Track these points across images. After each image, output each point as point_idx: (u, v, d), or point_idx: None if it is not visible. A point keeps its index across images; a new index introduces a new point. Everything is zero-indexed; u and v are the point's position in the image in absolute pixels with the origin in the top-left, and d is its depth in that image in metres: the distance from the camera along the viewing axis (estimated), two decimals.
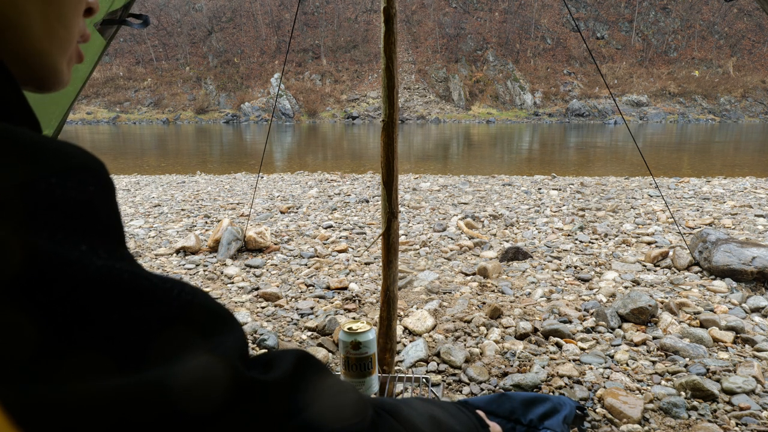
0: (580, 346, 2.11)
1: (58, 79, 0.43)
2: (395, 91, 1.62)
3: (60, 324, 0.25)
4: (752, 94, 51.45)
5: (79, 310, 0.26)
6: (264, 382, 0.33)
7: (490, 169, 10.47)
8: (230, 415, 0.30)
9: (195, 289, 0.32)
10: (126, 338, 0.27)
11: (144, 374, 0.27)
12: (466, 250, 3.62)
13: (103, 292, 0.27)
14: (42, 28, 0.38)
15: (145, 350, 0.27)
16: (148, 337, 0.28)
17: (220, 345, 0.31)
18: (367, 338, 1.18)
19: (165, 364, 0.28)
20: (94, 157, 0.32)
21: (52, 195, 0.27)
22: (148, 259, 3.50)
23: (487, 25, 62.88)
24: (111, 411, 0.25)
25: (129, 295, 0.28)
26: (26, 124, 0.36)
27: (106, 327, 0.26)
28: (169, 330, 0.29)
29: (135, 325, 0.28)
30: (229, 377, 0.30)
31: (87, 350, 0.26)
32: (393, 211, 1.67)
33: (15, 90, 0.36)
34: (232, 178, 8.14)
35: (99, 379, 0.25)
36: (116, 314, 0.27)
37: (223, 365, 0.31)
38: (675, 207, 4.96)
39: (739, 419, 1.59)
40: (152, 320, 0.28)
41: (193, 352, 0.29)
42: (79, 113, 52.83)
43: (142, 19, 1.73)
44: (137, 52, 63.30)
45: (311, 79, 59.97)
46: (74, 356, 0.25)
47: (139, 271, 0.29)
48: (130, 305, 0.28)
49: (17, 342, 0.24)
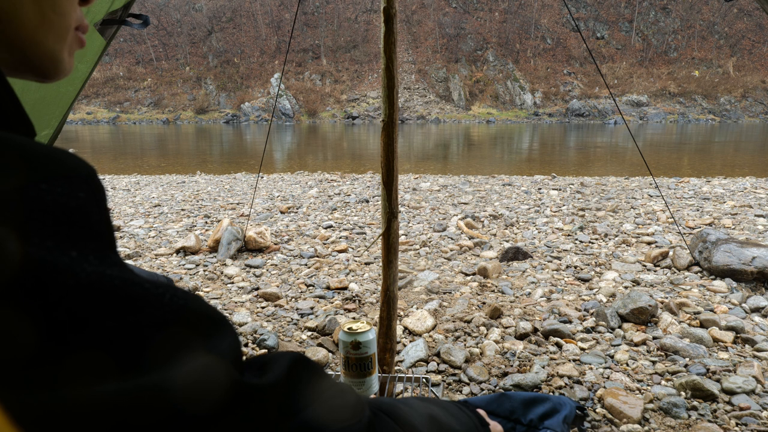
0: (580, 346, 2.10)
1: (59, 67, 0.43)
2: (395, 91, 1.62)
3: (52, 330, 0.25)
4: (752, 94, 51.44)
5: (70, 316, 0.26)
6: (258, 386, 0.33)
7: (490, 169, 10.47)
8: (225, 419, 0.30)
9: (188, 294, 0.32)
10: (119, 344, 0.27)
11: (138, 379, 0.27)
12: (466, 250, 3.62)
13: (95, 298, 0.27)
14: (36, 17, 0.38)
15: (139, 355, 0.27)
16: (142, 343, 0.28)
17: (213, 349, 0.31)
18: (367, 338, 1.18)
19: (159, 368, 0.28)
20: (85, 163, 0.32)
21: (42, 201, 0.27)
22: (148, 259, 3.50)
23: (487, 25, 62.87)
24: (108, 416, 0.25)
25: (121, 301, 0.28)
26: (19, 129, 0.36)
27: (98, 333, 0.26)
28: (163, 335, 0.29)
29: (128, 331, 0.28)
30: (223, 381, 0.30)
31: (81, 356, 0.26)
32: (393, 211, 1.67)
33: (8, 95, 0.36)
34: (232, 178, 8.14)
35: (95, 384, 0.25)
36: (108, 320, 0.27)
37: (217, 369, 0.31)
38: (675, 207, 4.96)
39: (739, 419, 1.59)
40: (145, 325, 0.28)
41: (187, 356, 0.29)
42: (79, 113, 52.83)
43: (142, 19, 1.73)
44: (137, 52, 63.30)
45: (311, 79, 59.97)
46: (69, 362, 0.25)
47: (130, 277, 0.29)
48: (122, 311, 0.28)
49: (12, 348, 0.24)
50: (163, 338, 0.29)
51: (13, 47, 0.38)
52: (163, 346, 0.29)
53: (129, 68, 61.22)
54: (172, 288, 0.32)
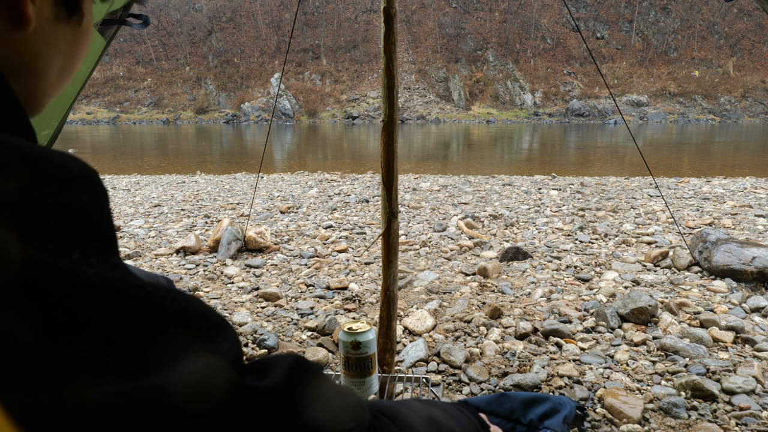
0: (580, 346, 2.11)
1: (42, 111, 0.48)
2: (395, 91, 1.62)
3: (53, 331, 0.25)
4: (752, 94, 51.43)
5: (71, 317, 0.26)
6: (259, 389, 0.33)
7: (490, 169, 10.47)
8: (225, 422, 0.30)
9: (188, 296, 0.33)
10: (120, 346, 0.27)
11: (139, 380, 0.27)
12: (466, 250, 3.62)
13: (96, 300, 0.27)
14: (56, 78, 0.45)
15: (140, 357, 0.28)
16: (142, 345, 0.28)
17: (214, 351, 0.32)
18: (367, 338, 1.18)
19: (159, 371, 0.28)
20: (88, 165, 0.33)
21: (44, 203, 0.27)
22: (148, 259, 3.50)
23: (487, 25, 62.87)
24: (108, 416, 0.25)
25: (121, 303, 0.28)
26: (20, 132, 0.37)
27: (99, 335, 0.27)
28: (163, 337, 0.29)
29: (128, 333, 0.28)
30: (223, 383, 0.30)
31: (81, 357, 0.26)
32: (393, 211, 1.67)
33: (12, 101, 0.36)
34: (232, 178, 8.14)
35: (95, 385, 0.25)
36: (109, 322, 0.27)
37: (217, 371, 0.31)
38: (675, 207, 4.96)
39: (739, 419, 1.59)
40: (145, 327, 0.28)
41: (188, 358, 0.29)
42: (79, 113, 52.82)
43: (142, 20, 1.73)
44: (137, 52, 63.29)
45: (311, 79, 59.95)
46: (69, 363, 0.25)
47: (131, 279, 0.29)
48: (123, 312, 0.28)
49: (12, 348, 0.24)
50: (164, 340, 0.29)
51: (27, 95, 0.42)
52: (163, 347, 0.29)
53: (129, 68, 61.21)
54: (173, 290, 0.32)
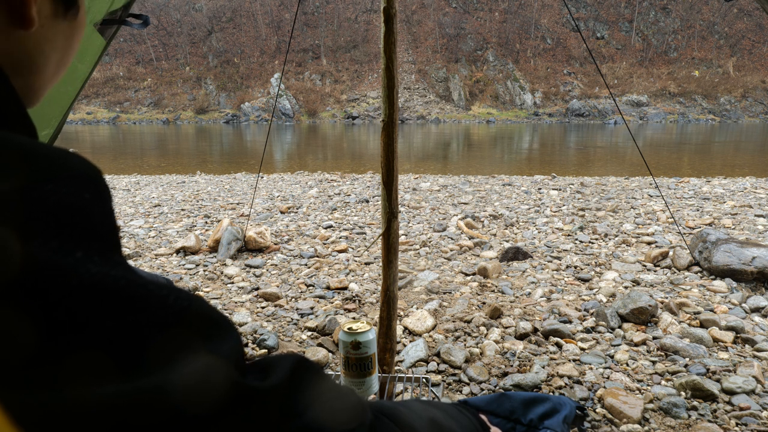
0: (580, 346, 2.10)
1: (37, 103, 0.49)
2: (395, 91, 1.62)
3: (55, 331, 0.25)
4: (752, 94, 51.42)
5: (74, 316, 0.26)
6: (260, 389, 0.33)
7: (490, 169, 10.47)
8: (225, 422, 0.30)
9: (191, 296, 0.32)
10: (122, 344, 0.27)
11: (140, 380, 0.27)
12: (466, 250, 3.62)
13: (98, 298, 0.27)
14: (53, 71, 0.46)
15: (142, 356, 0.27)
16: (145, 344, 0.28)
17: (215, 351, 0.31)
18: (367, 338, 1.18)
19: (161, 370, 0.28)
20: (91, 163, 0.32)
21: (47, 201, 0.27)
22: (148, 259, 3.50)
23: (487, 25, 62.86)
24: (108, 416, 0.25)
25: (124, 302, 0.28)
26: (21, 130, 0.37)
27: (101, 333, 0.26)
28: (165, 336, 0.29)
29: (131, 332, 0.28)
30: (224, 383, 0.30)
31: (82, 358, 0.26)
32: (393, 211, 1.67)
33: (13, 98, 0.36)
34: (232, 178, 8.14)
35: (95, 384, 0.25)
36: (111, 320, 0.27)
37: (218, 371, 0.31)
38: (675, 207, 4.96)
39: (739, 419, 1.59)
40: (148, 326, 0.28)
41: (188, 357, 0.29)
42: (79, 113, 52.81)
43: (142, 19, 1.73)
44: (137, 52, 63.27)
45: (311, 79, 59.94)
46: (71, 362, 0.25)
47: (134, 278, 0.29)
48: (126, 312, 0.28)
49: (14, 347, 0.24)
50: (164, 339, 0.29)
51: (27, 90, 0.44)
52: (164, 347, 0.29)
53: (129, 68, 61.19)
54: (176, 290, 0.32)
